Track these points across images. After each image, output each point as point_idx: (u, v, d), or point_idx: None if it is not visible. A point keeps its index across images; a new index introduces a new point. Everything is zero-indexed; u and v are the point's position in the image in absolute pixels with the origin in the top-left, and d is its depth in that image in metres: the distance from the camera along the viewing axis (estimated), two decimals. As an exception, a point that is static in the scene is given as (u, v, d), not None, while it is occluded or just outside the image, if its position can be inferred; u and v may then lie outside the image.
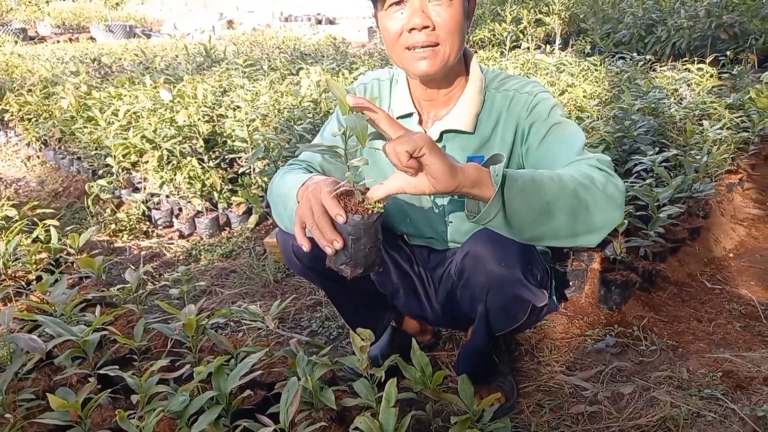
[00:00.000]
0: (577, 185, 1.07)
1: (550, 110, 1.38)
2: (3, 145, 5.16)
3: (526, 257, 1.35)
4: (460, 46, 1.32)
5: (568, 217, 1.07)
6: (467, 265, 1.39)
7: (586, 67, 5.11)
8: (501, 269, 1.33)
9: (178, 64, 6.20)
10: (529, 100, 1.39)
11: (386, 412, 1.13)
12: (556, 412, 1.57)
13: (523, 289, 1.37)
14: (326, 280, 1.64)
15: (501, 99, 1.41)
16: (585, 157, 1.20)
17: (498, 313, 1.43)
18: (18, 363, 1.42)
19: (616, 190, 1.11)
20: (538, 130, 1.37)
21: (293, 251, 1.53)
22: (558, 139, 1.35)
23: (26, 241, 2.31)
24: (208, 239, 3.13)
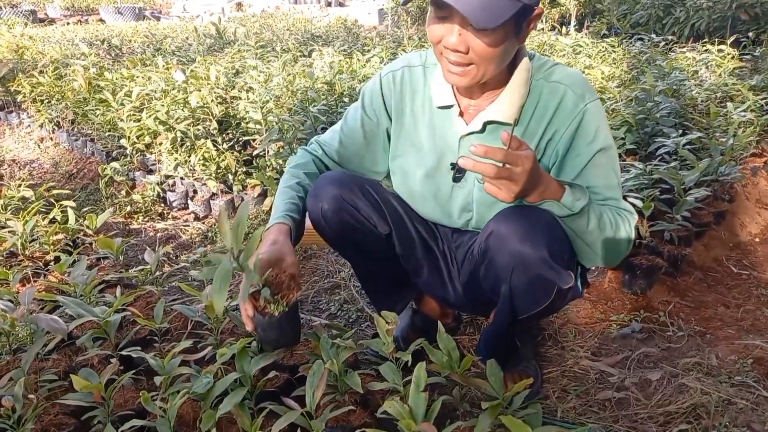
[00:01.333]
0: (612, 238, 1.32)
1: (597, 129, 1.34)
2: (16, 127, 5.15)
3: (553, 237, 1.31)
4: (498, 67, 1.27)
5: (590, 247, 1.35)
6: (491, 245, 1.35)
7: (604, 49, 5.02)
8: (526, 248, 1.30)
9: (189, 46, 6.15)
10: (579, 108, 1.33)
11: (416, 397, 1.11)
12: (582, 398, 1.54)
13: (548, 269, 1.32)
14: (351, 248, 1.62)
15: (550, 92, 1.35)
16: (621, 207, 1.36)
17: (522, 294, 1.39)
18: (39, 343, 1.41)
19: (628, 246, 1.36)
20: (581, 152, 1.35)
21: (322, 216, 1.50)
22: (597, 174, 1.35)
23: (43, 222, 2.30)
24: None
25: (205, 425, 1.20)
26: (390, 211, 1.55)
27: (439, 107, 1.43)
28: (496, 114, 1.36)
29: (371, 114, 1.55)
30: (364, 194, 1.51)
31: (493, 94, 1.38)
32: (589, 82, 1.36)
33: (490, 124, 1.38)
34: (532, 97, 1.36)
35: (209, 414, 1.23)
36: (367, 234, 1.54)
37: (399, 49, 5.34)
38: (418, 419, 1.07)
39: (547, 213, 1.29)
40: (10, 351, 1.59)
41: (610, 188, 1.37)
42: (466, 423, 1.12)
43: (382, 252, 1.60)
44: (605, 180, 1.36)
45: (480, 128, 1.38)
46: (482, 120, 1.37)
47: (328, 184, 1.49)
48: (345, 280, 2.31)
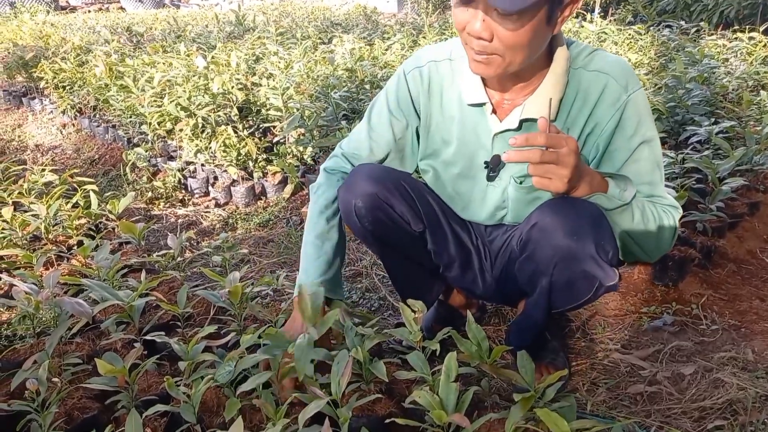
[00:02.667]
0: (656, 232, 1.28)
1: (639, 121, 1.27)
2: (39, 113, 5.20)
3: (600, 231, 1.25)
4: (527, 57, 1.17)
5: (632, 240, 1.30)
6: (534, 237, 1.30)
7: (630, 36, 4.89)
8: (572, 242, 1.24)
9: (210, 33, 6.14)
10: (621, 100, 1.25)
11: (446, 387, 1.07)
12: (612, 392, 1.50)
13: (593, 265, 1.27)
14: (381, 244, 1.58)
15: (590, 82, 1.26)
16: (669, 205, 1.31)
17: (562, 289, 1.35)
18: (63, 327, 1.40)
19: (671, 242, 1.33)
20: (622, 146, 1.28)
21: (355, 212, 1.46)
22: (639, 169, 1.29)
23: (66, 207, 2.30)
24: (244, 208, 3.10)
25: (229, 412, 1.18)
26: (424, 208, 1.50)
27: (470, 105, 1.36)
28: (533, 111, 1.28)
29: (399, 115, 1.47)
30: (399, 191, 1.45)
31: (529, 87, 1.30)
32: (632, 70, 1.27)
33: (526, 122, 1.31)
34: (571, 88, 1.28)
35: (233, 402, 1.21)
36: (400, 231, 1.50)
37: (419, 37, 5.28)
38: (448, 410, 1.04)
39: (593, 206, 1.23)
40: (34, 334, 1.59)
41: (653, 184, 1.31)
42: (498, 415, 1.08)
43: (413, 248, 1.56)
44: (648, 176, 1.30)
45: (516, 126, 1.30)
46: (518, 117, 1.30)
47: (364, 179, 1.43)
48: (367, 268, 2.28)
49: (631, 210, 1.23)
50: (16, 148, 4.48)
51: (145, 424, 1.20)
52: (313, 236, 1.48)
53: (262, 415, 1.27)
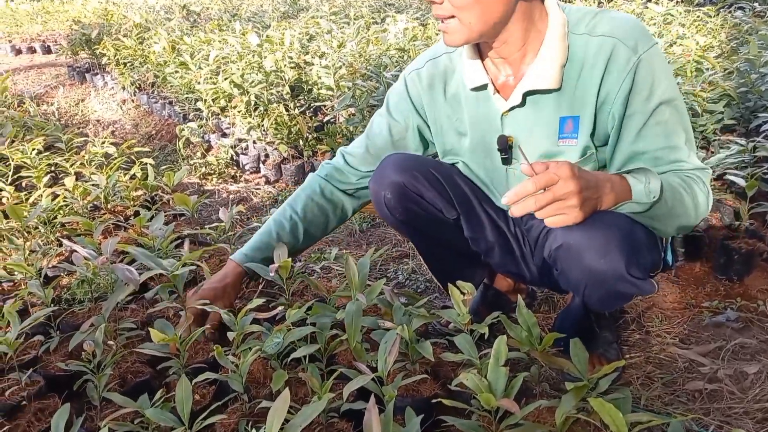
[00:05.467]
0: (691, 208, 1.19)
1: (653, 82, 1.16)
2: (100, 89, 5.38)
3: (630, 246, 1.19)
4: (483, 16, 1.13)
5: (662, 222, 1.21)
6: (561, 257, 1.25)
7: (698, 18, 4.64)
8: (601, 264, 1.18)
9: (264, 12, 6.19)
10: (631, 62, 1.16)
11: (495, 371, 1.05)
12: (669, 387, 1.43)
13: (624, 284, 1.22)
14: (417, 234, 1.57)
15: (597, 48, 1.18)
16: (694, 168, 1.20)
17: (596, 304, 1.32)
18: (119, 292, 1.44)
19: (706, 210, 1.22)
20: (638, 110, 1.18)
21: (385, 204, 1.46)
22: (658, 133, 1.18)
23: (124, 178, 2.37)
24: (293, 186, 3.12)
25: (276, 384, 1.19)
26: (457, 194, 1.46)
27: (473, 89, 1.32)
28: (535, 81, 1.22)
29: (398, 117, 1.48)
30: (428, 180, 1.42)
31: (524, 59, 1.24)
32: (643, 27, 1.18)
33: (530, 95, 1.25)
34: (576, 56, 1.20)
35: (280, 373, 1.22)
36: (433, 220, 1.47)
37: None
38: (497, 394, 1.01)
39: (621, 217, 1.16)
40: (91, 299, 1.64)
41: (676, 149, 1.19)
42: (548, 403, 1.05)
43: (449, 235, 1.54)
44: (669, 140, 1.19)
45: (520, 101, 1.25)
46: (520, 92, 1.24)
47: (391, 170, 1.42)
48: (413, 250, 2.25)
49: (664, 200, 1.14)
50: (78, 121, 4.66)
51: (194, 390, 1.23)
52: (272, 217, 1.56)
53: (308, 389, 1.27)
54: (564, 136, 1.26)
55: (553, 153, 1.29)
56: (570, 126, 1.25)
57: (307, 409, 0.99)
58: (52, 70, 6.41)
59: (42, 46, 7.48)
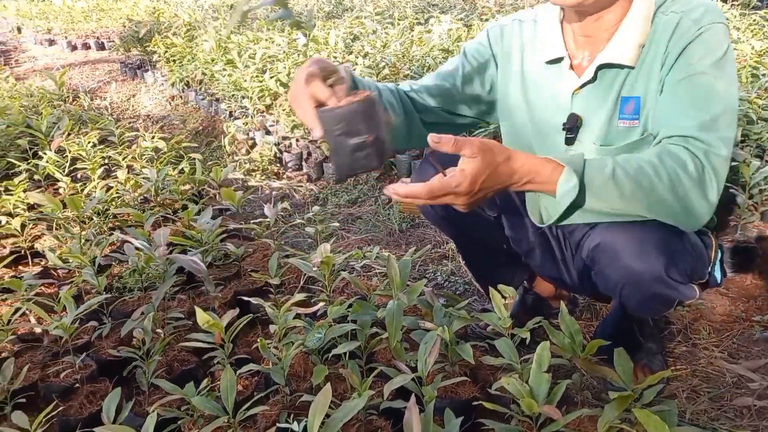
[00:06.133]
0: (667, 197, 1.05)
1: (708, 50, 1.10)
2: (150, 85, 5.55)
3: (671, 248, 1.16)
4: None
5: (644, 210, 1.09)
6: (598, 258, 1.23)
7: (754, 21, 4.48)
8: (638, 265, 1.15)
9: (310, 12, 6.26)
10: (692, 31, 1.11)
11: (538, 377, 1.04)
12: (715, 402, 1.39)
13: (664, 287, 1.19)
14: (457, 230, 1.56)
15: (666, 23, 1.15)
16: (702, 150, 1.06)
17: (635, 307, 1.29)
18: (170, 282, 1.49)
19: (699, 200, 1.07)
20: (677, 72, 1.12)
21: None
22: (685, 98, 1.10)
23: (173, 172, 2.45)
24: (334, 185, 3.16)
25: (317, 378, 1.21)
26: (499, 192, 1.45)
27: (548, 62, 1.28)
28: (612, 55, 1.17)
29: (472, 60, 1.40)
30: None
31: (607, 37, 1.20)
32: (716, 8, 1.13)
33: (602, 69, 1.20)
34: (654, 35, 1.16)
35: (320, 368, 1.24)
36: (474, 217, 1.46)
37: (529, 7, 5.10)
38: (539, 400, 1.01)
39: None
40: (142, 288, 1.70)
41: (694, 120, 1.07)
42: (591, 411, 1.03)
43: (490, 234, 1.52)
44: (692, 107, 1.08)
45: (592, 76, 1.21)
46: (595, 65, 1.20)
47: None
48: (453, 251, 2.26)
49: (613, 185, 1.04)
50: (129, 116, 4.81)
51: (237, 381, 1.26)
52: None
53: (347, 385, 1.29)
54: (624, 117, 1.22)
55: (611, 133, 1.24)
56: (631, 106, 1.21)
57: (348, 404, 1.01)
58: (105, 66, 6.64)
59: (96, 43, 7.75)
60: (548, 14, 1.31)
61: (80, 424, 1.23)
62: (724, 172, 1.08)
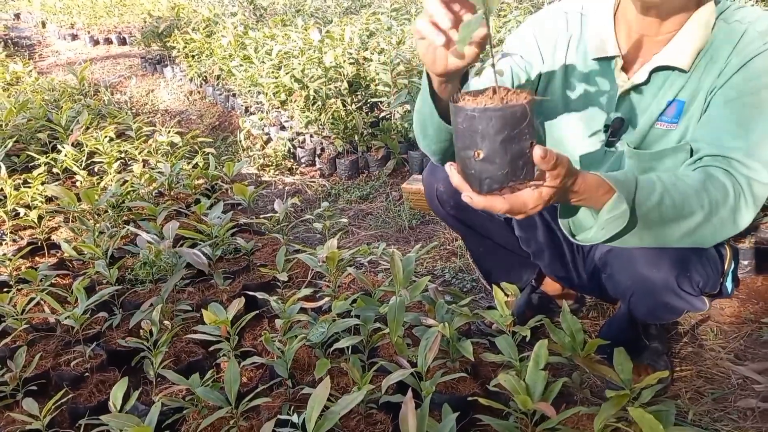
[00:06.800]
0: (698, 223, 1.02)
1: (765, 76, 1.05)
2: (170, 80, 5.62)
3: (686, 259, 1.15)
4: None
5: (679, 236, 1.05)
6: (611, 262, 1.23)
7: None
8: (650, 273, 1.15)
9: (327, 8, 6.28)
10: (756, 44, 1.06)
11: (534, 374, 1.05)
12: (719, 403, 1.38)
13: (674, 297, 1.19)
14: (466, 229, 1.57)
15: (728, 32, 1.10)
16: (746, 176, 1.03)
17: (643, 314, 1.29)
18: (178, 275, 1.53)
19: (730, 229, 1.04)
20: (732, 87, 1.07)
21: (437, 196, 1.47)
22: (734, 116, 1.06)
23: (187, 167, 2.49)
24: (346, 180, 3.18)
25: (319, 371, 1.23)
26: None
27: (596, 59, 1.22)
28: (665, 58, 1.12)
29: (518, 59, 1.32)
30: None
31: (663, 41, 1.14)
32: None
33: (656, 72, 1.15)
34: (712, 43, 1.11)
35: (323, 362, 1.26)
36: (485, 216, 1.46)
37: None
38: (534, 397, 1.02)
39: None
40: (152, 280, 1.74)
41: (741, 141, 1.03)
42: (587, 410, 1.04)
43: (499, 233, 1.53)
44: (745, 131, 1.04)
45: (645, 79, 1.15)
46: (649, 69, 1.14)
47: None
48: (461, 249, 2.26)
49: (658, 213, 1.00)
50: (148, 110, 4.89)
51: (242, 373, 1.29)
52: None
53: (349, 378, 1.31)
54: (663, 119, 1.18)
55: (649, 137, 1.20)
56: (672, 110, 1.17)
57: (346, 397, 1.03)
58: (126, 61, 6.75)
59: (118, 38, 7.87)
60: (599, 7, 1.23)
61: (88, 412, 1.27)
62: (763, 198, 1.05)
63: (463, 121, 0.79)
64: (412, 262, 1.42)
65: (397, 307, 1.28)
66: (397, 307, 1.28)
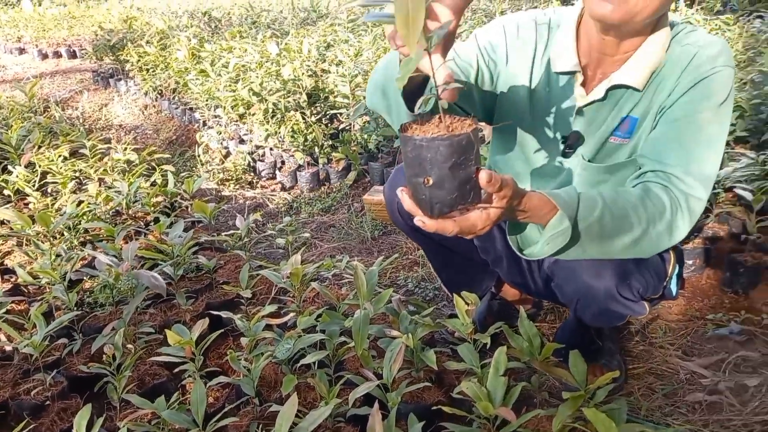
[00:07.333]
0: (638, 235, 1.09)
1: (713, 94, 1.12)
2: (123, 94, 5.51)
3: (625, 268, 1.22)
4: (659, 6, 1.06)
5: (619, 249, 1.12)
6: (557, 272, 1.30)
7: (717, 27, 4.62)
8: (592, 281, 1.23)
9: (284, 19, 6.28)
10: (705, 68, 1.12)
11: (495, 380, 1.09)
12: (669, 398, 1.46)
13: (615, 304, 1.27)
14: (427, 241, 1.61)
15: (680, 55, 1.16)
16: (685, 193, 1.10)
17: (589, 319, 1.37)
18: (139, 298, 1.51)
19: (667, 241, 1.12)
20: (679, 107, 1.14)
21: (398, 210, 1.51)
22: (678, 136, 1.13)
23: (145, 184, 2.46)
24: (308, 193, 3.19)
25: (286, 388, 1.24)
26: None
27: (558, 72, 1.25)
28: (621, 77, 1.18)
29: (484, 51, 1.33)
30: None
31: (623, 60, 1.19)
32: (729, 51, 1.15)
33: (613, 89, 1.21)
34: (665, 66, 1.17)
35: (290, 378, 1.27)
36: None
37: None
38: (495, 403, 1.06)
39: None
40: (113, 303, 1.72)
41: (682, 160, 1.11)
42: (545, 412, 1.09)
43: (458, 243, 1.56)
44: (682, 149, 1.11)
45: (602, 96, 1.20)
46: (606, 86, 1.19)
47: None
48: (423, 258, 2.30)
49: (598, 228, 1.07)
50: (102, 126, 4.78)
51: (208, 393, 1.29)
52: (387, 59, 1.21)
53: (316, 393, 1.33)
54: (617, 134, 1.24)
55: (603, 151, 1.26)
56: (626, 126, 1.23)
57: (314, 413, 1.05)
58: (77, 75, 6.58)
59: (68, 51, 7.67)
60: (565, 21, 1.27)
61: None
62: (699, 212, 1.13)
63: (412, 150, 0.83)
64: (375, 275, 1.45)
65: (361, 321, 1.30)
66: (361, 320, 1.30)
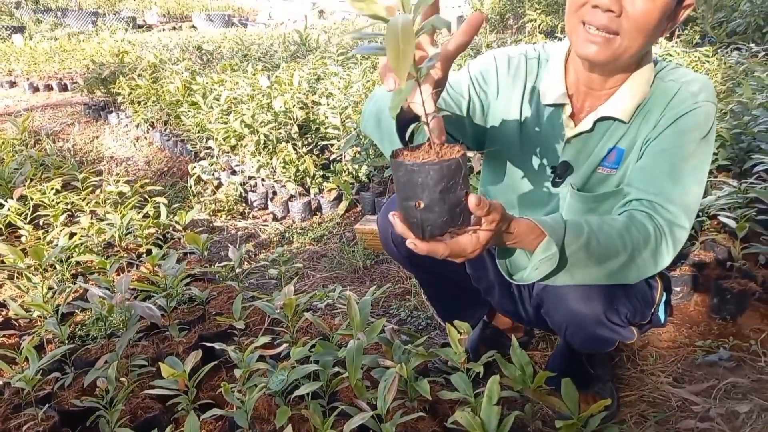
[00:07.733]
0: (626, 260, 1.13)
1: (696, 129, 1.18)
2: (115, 126, 5.54)
3: (612, 293, 1.25)
4: (643, 47, 1.12)
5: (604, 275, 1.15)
6: (545, 298, 1.32)
7: (696, 59, 4.76)
8: (579, 307, 1.25)
9: (275, 52, 6.39)
10: (687, 103, 1.18)
11: (488, 410, 1.10)
12: (661, 426, 1.47)
13: (603, 329, 1.29)
14: (420, 270, 1.63)
15: (664, 89, 1.22)
16: (669, 222, 1.15)
17: (578, 345, 1.38)
18: (132, 330, 1.51)
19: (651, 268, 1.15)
20: (664, 139, 1.20)
21: (391, 238, 1.53)
22: (663, 167, 1.18)
23: (137, 216, 2.46)
24: (300, 223, 3.21)
25: (280, 420, 1.24)
26: None
27: (547, 105, 1.30)
28: (608, 110, 1.23)
29: (476, 82, 1.36)
30: None
31: (609, 94, 1.25)
32: (712, 88, 1.22)
33: (600, 121, 1.25)
34: (650, 99, 1.24)
35: (283, 409, 1.27)
36: (437, 258, 1.53)
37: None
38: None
39: None
40: (105, 335, 1.71)
41: (667, 189, 1.15)
42: (538, 441, 1.09)
43: (452, 273, 1.58)
44: (671, 181, 1.16)
45: (590, 127, 1.26)
46: (592, 119, 1.25)
47: None
48: (415, 287, 2.32)
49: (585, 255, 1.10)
50: (93, 158, 4.79)
51: (202, 426, 1.28)
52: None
53: (310, 425, 1.32)
54: (604, 164, 1.29)
55: (591, 180, 1.31)
56: (613, 156, 1.28)
57: (308, 445, 1.05)
58: (68, 108, 6.62)
59: (59, 84, 7.72)
60: (553, 56, 1.31)
61: (42, 477, 1.23)
62: (683, 240, 1.17)
63: (404, 174, 0.86)
64: (368, 305, 1.47)
65: (355, 351, 1.31)
66: (355, 350, 1.31)
